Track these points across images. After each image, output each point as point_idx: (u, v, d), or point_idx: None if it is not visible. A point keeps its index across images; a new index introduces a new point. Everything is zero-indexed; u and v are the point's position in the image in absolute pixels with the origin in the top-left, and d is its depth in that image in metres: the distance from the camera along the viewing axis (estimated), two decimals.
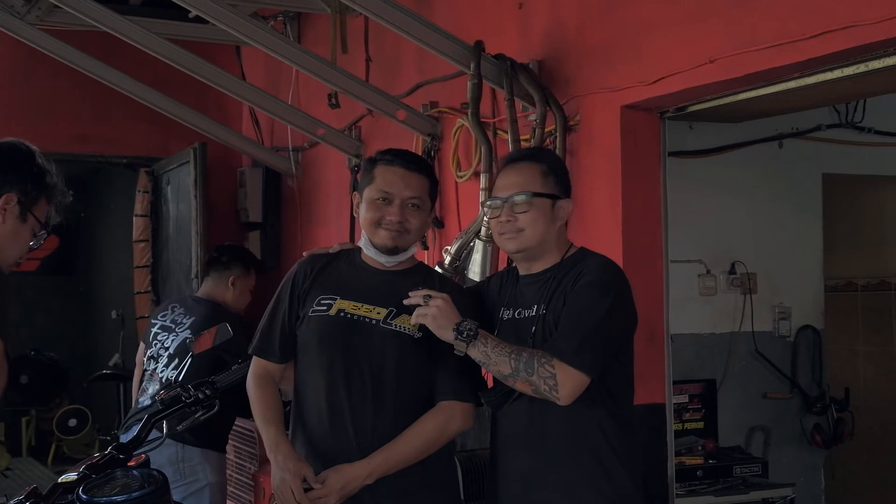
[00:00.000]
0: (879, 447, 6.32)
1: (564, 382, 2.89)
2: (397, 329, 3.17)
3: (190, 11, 6.56)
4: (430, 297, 3.04)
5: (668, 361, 4.35)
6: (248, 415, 3.49)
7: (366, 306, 3.20)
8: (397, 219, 3.17)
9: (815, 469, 5.81)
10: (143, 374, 5.09)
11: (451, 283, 3.44)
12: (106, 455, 3.27)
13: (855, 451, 6.07)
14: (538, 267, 3.16)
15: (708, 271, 5.52)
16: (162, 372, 4.94)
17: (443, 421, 3.15)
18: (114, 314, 10.67)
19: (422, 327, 3.12)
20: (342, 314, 3.19)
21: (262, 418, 3.27)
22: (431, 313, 3.01)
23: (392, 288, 3.22)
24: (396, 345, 3.16)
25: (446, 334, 3.01)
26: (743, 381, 5.59)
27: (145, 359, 5.09)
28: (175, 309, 5.18)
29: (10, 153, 2.83)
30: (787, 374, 5.71)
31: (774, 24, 3.63)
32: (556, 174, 3.19)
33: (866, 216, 6.60)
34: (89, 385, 9.94)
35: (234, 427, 5.88)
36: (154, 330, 5.09)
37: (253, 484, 6.15)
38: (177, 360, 4.90)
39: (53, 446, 10.24)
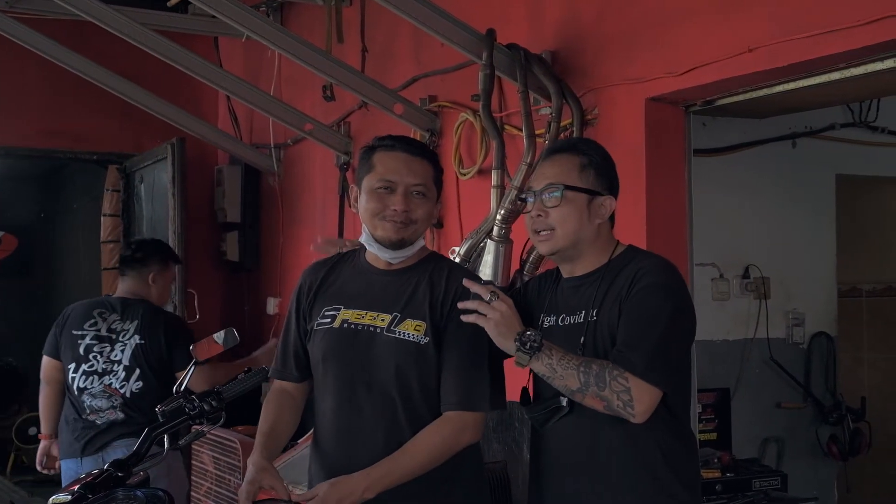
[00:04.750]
0: (887, 459, 6.12)
1: (641, 398, 2.62)
2: (401, 337, 2.88)
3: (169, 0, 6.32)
4: (496, 296, 2.72)
5: (694, 370, 4.10)
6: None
7: (370, 313, 2.93)
8: (401, 208, 2.88)
9: (828, 482, 5.60)
10: (76, 392, 4.79)
11: (463, 272, 3.11)
12: (103, 473, 2.99)
13: (863, 464, 5.86)
14: (581, 269, 2.88)
15: (721, 275, 5.30)
16: (122, 386, 4.70)
17: (451, 434, 2.86)
18: None
19: (428, 331, 2.86)
20: (346, 325, 2.94)
21: (258, 427, 3.05)
22: (494, 319, 2.70)
23: (396, 290, 2.95)
24: (400, 354, 2.88)
25: (507, 344, 2.70)
26: (756, 390, 5.38)
27: (78, 375, 4.79)
28: (105, 316, 4.86)
29: None
30: (801, 382, 5.49)
31: (825, 10, 3.41)
32: (596, 167, 2.90)
33: (872, 219, 6.41)
34: None
35: (214, 437, 5.58)
36: (85, 342, 4.79)
37: (236, 497, 5.81)
38: (139, 371, 4.74)
39: (12, 455, 9.88)
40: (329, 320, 2.96)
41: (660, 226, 4.17)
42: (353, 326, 2.93)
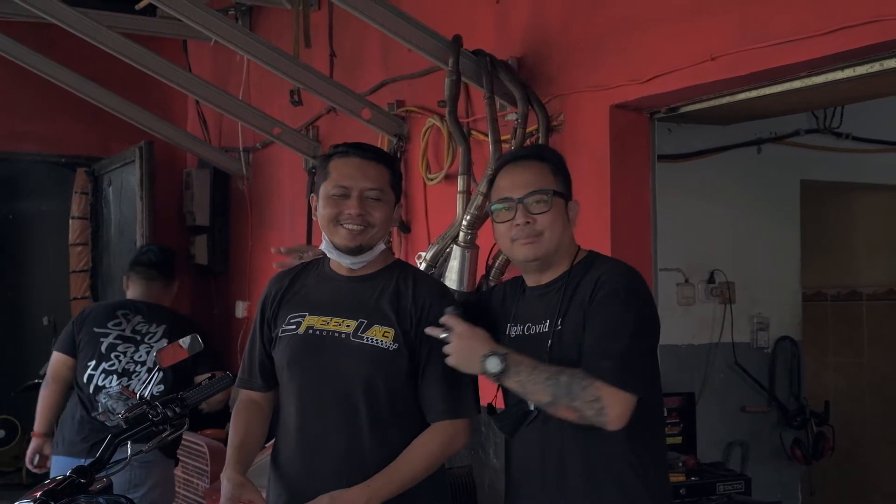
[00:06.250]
0: (850, 462, 6.18)
1: (613, 405, 2.59)
2: (368, 342, 2.89)
3: (137, 2, 6.31)
4: (449, 330, 2.77)
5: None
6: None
7: (335, 319, 2.93)
8: (356, 211, 2.89)
9: (792, 486, 5.63)
10: (91, 390, 4.71)
11: (429, 281, 3.13)
12: (65, 479, 2.98)
13: (827, 467, 5.91)
14: (548, 277, 2.87)
15: (686, 280, 5.32)
16: (142, 389, 4.59)
17: (446, 442, 2.89)
18: (45, 321, 10.18)
19: (397, 338, 2.87)
20: (311, 331, 2.94)
21: (228, 440, 3.04)
22: (450, 351, 2.75)
23: (361, 296, 2.95)
24: (368, 359, 2.88)
25: (474, 370, 2.75)
26: (721, 394, 5.39)
27: (98, 373, 4.72)
28: (129, 317, 4.81)
29: None
30: (766, 386, 5.53)
31: (787, 19, 3.45)
32: (563, 174, 2.91)
33: (837, 224, 6.47)
34: (18, 395, 9.51)
35: (182, 442, 5.56)
36: (108, 341, 4.71)
37: (204, 502, 5.81)
38: (161, 375, 4.53)
39: None
40: (294, 327, 2.97)
41: (624, 231, 4.20)
42: (318, 332, 2.93)
